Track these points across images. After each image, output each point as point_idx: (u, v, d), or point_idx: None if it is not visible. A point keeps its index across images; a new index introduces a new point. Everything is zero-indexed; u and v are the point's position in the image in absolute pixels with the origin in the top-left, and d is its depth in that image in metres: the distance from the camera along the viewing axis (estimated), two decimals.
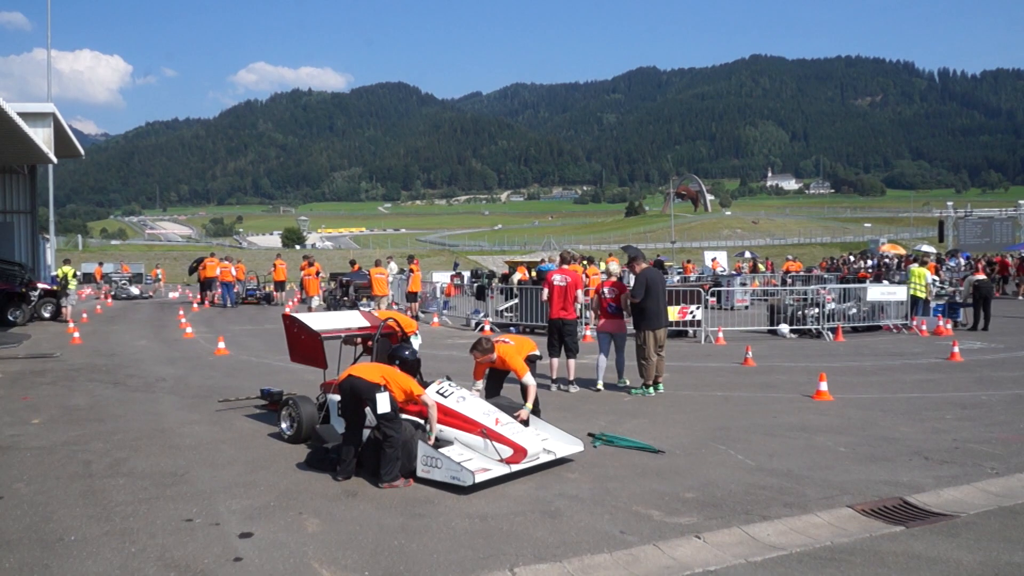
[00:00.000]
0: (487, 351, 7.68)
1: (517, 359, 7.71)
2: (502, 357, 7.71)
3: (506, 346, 7.83)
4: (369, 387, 6.21)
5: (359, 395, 6.25)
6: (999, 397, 9.93)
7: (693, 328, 16.59)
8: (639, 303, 10.17)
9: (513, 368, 7.67)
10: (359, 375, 6.37)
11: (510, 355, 7.74)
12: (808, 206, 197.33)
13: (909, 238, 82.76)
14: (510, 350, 7.80)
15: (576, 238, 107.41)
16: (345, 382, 6.40)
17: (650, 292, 10.11)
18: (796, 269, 32.95)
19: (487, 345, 7.70)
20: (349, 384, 6.35)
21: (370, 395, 6.15)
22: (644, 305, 10.15)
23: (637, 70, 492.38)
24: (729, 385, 10.94)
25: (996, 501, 5.78)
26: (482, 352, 7.70)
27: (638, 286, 10.20)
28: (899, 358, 13.79)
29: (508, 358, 7.71)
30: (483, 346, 7.70)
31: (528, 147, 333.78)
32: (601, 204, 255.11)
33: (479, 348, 7.71)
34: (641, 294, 10.12)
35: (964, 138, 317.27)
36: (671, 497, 5.81)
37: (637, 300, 10.18)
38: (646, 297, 10.11)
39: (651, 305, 10.14)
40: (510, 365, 7.70)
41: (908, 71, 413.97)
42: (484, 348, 7.69)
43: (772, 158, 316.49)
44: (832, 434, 7.81)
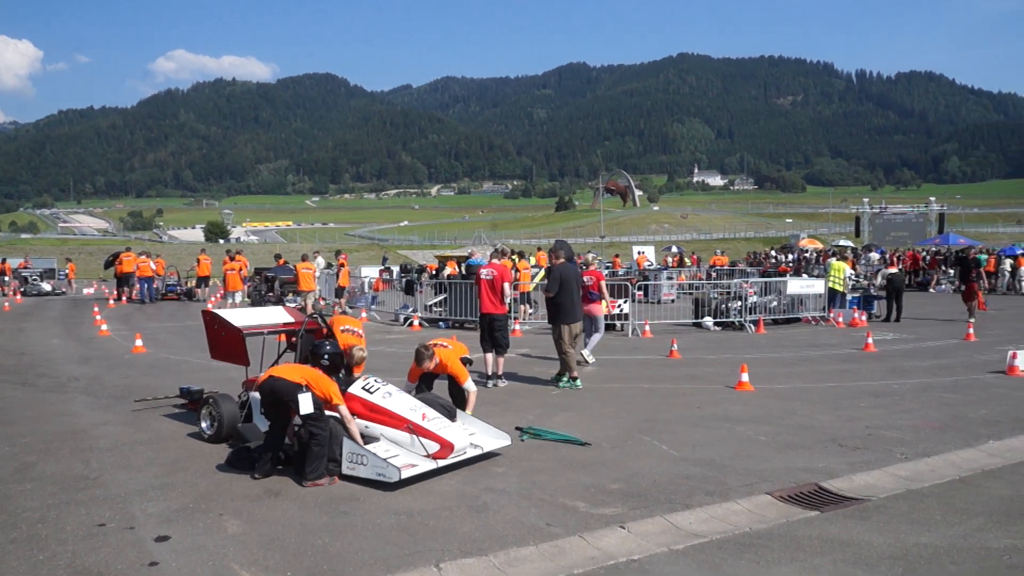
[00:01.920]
0: (430, 357, 7.60)
1: (458, 364, 7.68)
2: (443, 363, 7.65)
3: (446, 351, 7.77)
4: (290, 388, 6.08)
5: (280, 396, 6.12)
6: (909, 386, 10.37)
7: (620, 322, 16.81)
8: (553, 297, 10.27)
9: (455, 373, 7.63)
10: (280, 376, 6.24)
11: (451, 360, 7.68)
12: (733, 202, 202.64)
13: (828, 233, 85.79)
14: (450, 355, 7.74)
15: (507, 232, 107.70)
16: (265, 383, 6.26)
17: (564, 287, 10.22)
18: (721, 263, 33.73)
19: (428, 352, 7.62)
20: (269, 386, 6.21)
21: (291, 396, 6.03)
22: (558, 299, 10.27)
23: (567, 66, 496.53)
24: (655, 377, 11.12)
25: (905, 484, 6.03)
26: (427, 360, 7.60)
27: (552, 280, 10.34)
28: (817, 349, 14.26)
29: (450, 363, 7.65)
30: (425, 354, 7.60)
31: (459, 141, 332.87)
32: (531, 199, 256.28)
33: (420, 359, 7.61)
34: (555, 288, 10.24)
35: (880, 137, 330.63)
36: (597, 489, 5.87)
37: (551, 294, 10.30)
38: (560, 292, 10.22)
39: (565, 300, 10.26)
40: (452, 370, 7.65)
41: (828, 72, 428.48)
42: (427, 356, 7.60)
43: (698, 155, 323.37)
44: (753, 423, 8.03)
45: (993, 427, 7.83)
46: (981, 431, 7.66)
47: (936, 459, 6.70)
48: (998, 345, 13.73)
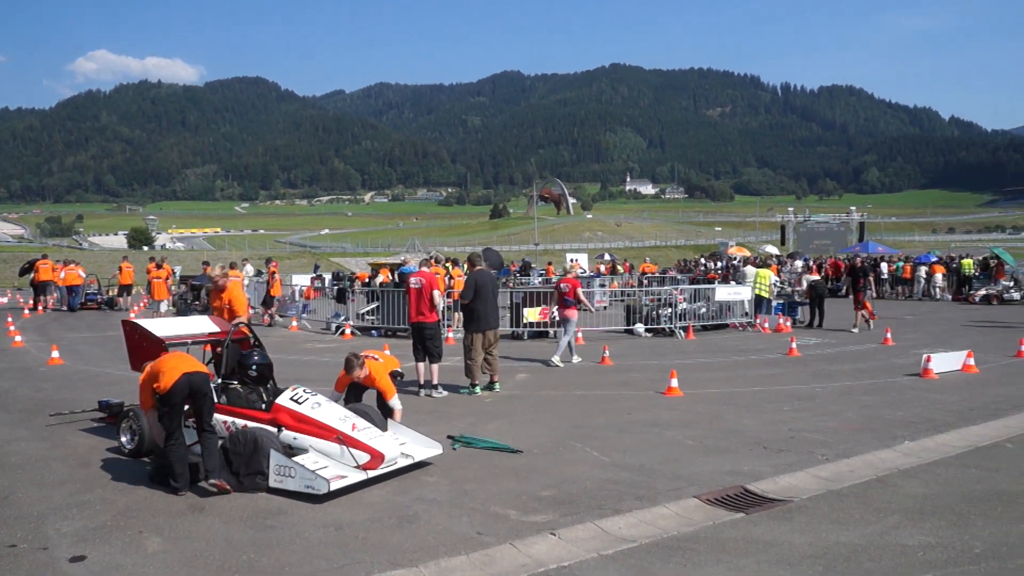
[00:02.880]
0: (360, 366, 7.47)
1: (387, 379, 7.55)
2: (372, 376, 7.52)
3: (376, 363, 7.64)
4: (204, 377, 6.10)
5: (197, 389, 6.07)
6: (831, 389, 10.72)
7: (553, 329, 16.92)
8: (468, 304, 10.30)
9: (382, 388, 7.49)
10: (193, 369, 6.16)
11: (380, 374, 7.55)
12: (664, 210, 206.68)
13: (755, 241, 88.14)
14: (380, 368, 7.60)
15: (441, 240, 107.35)
16: (182, 379, 6.05)
17: (479, 294, 10.25)
18: (651, 271, 34.32)
19: (359, 361, 7.49)
20: (187, 380, 6.04)
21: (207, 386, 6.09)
22: (473, 307, 10.30)
23: (502, 74, 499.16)
24: (587, 384, 11.22)
25: (826, 485, 6.22)
26: (357, 369, 7.47)
27: (467, 288, 10.39)
28: (744, 354, 14.62)
29: (379, 377, 7.52)
30: (355, 363, 7.47)
31: (393, 148, 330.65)
32: (466, 206, 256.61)
33: (350, 367, 7.47)
34: (469, 296, 10.27)
35: (803, 148, 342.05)
36: (528, 496, 5.88)
37: (466, 301, 10.34)
38: (475, 299, 10.25)
39: (479, 307, 10.28)
40: (379, 385, 7.51)
41: (754, 84, 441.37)
42: (357, 364, 7.46)
43: (631, 164, 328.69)
44: (681, 428, 8.17)
45: (908, 428, 8.14)
46: (897, 432, 7.96)
47: (855, 460, 6.93)
48: (913, 349, 14.32)
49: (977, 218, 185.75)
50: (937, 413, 8.93)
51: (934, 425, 8.28)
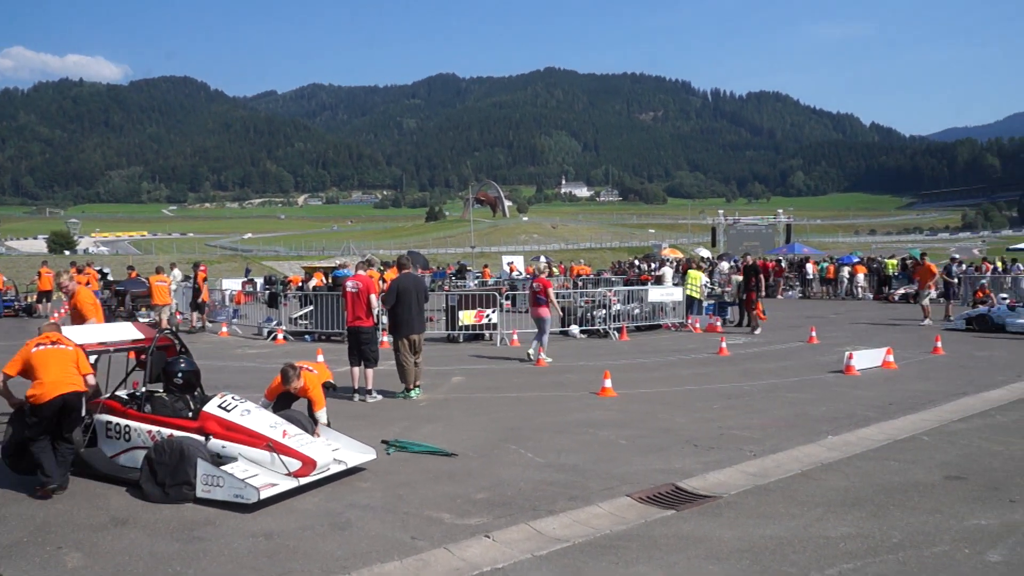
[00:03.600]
0: (296, 377, 7.34)
1: (319, 390, 7.45)
2: (306, 387, 7.40)
3: (311, 375, 7.52)
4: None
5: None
6: (759, 387, 11.00)
7: (489, 331, 16.94)
8: (391, 309, 10.29)
9: (313, 399, 7.37)
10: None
11: (314, 384, 7.44)
12: (599, 213, 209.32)
13: (687, 243, 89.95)
14: (314, 379, 7.50)
15: (376, 243, 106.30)
16: (58, 399, 5.98)
17: (401, 299, 10.20)
18: (586, 273, 34.65)
19: (295, 372, 7.36)
20: (62, 400, 5.99)
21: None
22: (396, 311, 10.25)
23: (437, 76, 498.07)
24: (523, 386, 11.27)
25: (753, 481, 6.38)
26: (295, 380, 7.33)
27: (390, 293, 10.32)
28: (676, 354, 14.89)
29: (312, 389, 7.41)
30: (292, 375, 7.34)
31: (326, 150, 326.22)
32: (401, 209, 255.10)
33: (287, 378, 7.32)
34: (391, 301, 10.22)
35: (733, 152, 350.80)
36: (463, 499, 5.87)
37: (387, 306, 10.31)
38: (397, 304, 10.20)
39: (402, 312, 10.23)
40: (311, 395, 7.40)
41: (685, 90, 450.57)
42: (292, 377, 7.33)
43: (566, 166, 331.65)
44: (615, 428, 8.27)
45: (831, 423, 8.42)
46: (821, 427, 8.22)
47: (781, 455, 7.13)
48: (837, 347, 14.80)
49: (896, 220, 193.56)
50: (859, 408, 9.26)
51: (856, 420, 8.57)
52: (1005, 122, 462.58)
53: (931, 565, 4.58)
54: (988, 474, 6.48)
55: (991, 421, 8.61)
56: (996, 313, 18.33)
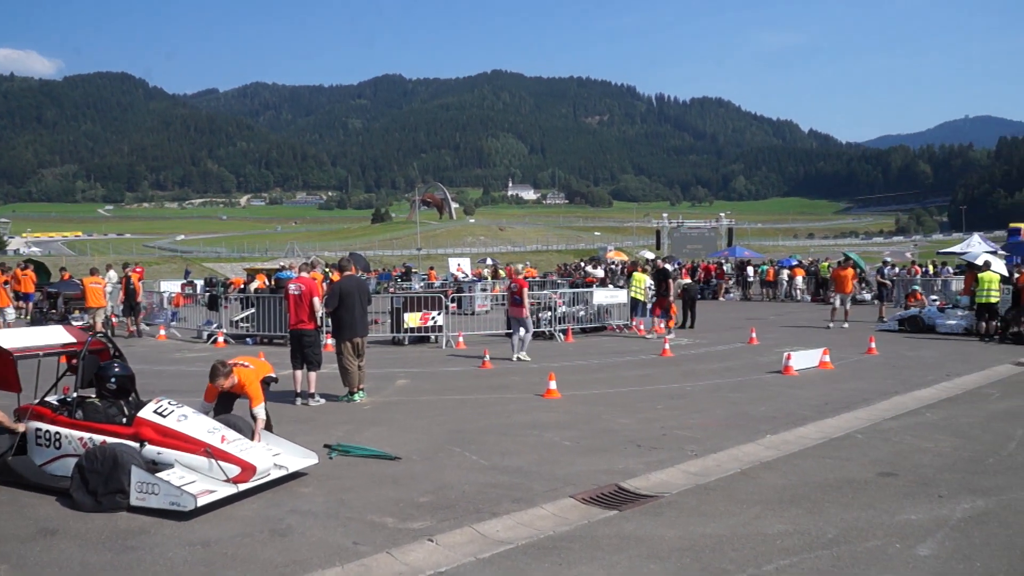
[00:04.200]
0: (226, 375, 7.11)
1: (256, 386, 7.24)
2: (242, 383, 7.18)
3: (246, 370, 7.31)
4: None
5: None
6: (700, 387, 11.18)
7: (435, 334, 16.87)
8: (333, 312, 10.20)
9: (250, 395, 7.17)
10: None
11: (250, 380, 7.23)
12: (546, 215, 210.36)
13: (632, 246, 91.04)
14: (250, 375, 7.28)
15: (321, 244, 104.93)
16: None
17: (344, 302, 10.12)
18: (532, 275, 34.75)
19: (225, 370, 7.13)
20: None
21: None
22: (339, 315, 10.18)
23: (383, 77, 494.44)
24: (467, 388, 11.25)
25: (694, 480, 6.48)
26: (221, 378, 7.09)
27: (331, 296, 10.24)
28: (620, 356, 15.04)
29: (248, 384, 7.20)
30: (221, 371, 7.10)
31: (270, 149, 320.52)
32: (347, 210, 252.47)
33: (217, 374, 7.09)
34: (333, 304, 10.14)
35: (677, 157, 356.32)
36: (406, 503, 5.83)
37: (330, 309, 10.22)
38: (340, 307, 10.12)
39: (345, 315, 10.15)
40: (248, 391, 7.20)
41: (631, 94, 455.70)
42: (222, 373, 7.09)
43: (512, 169, 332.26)
44: (559, 429, 8.31)
45: (770, 422, 8.60)
46: (760, 427, 8.39)
47: (722, 454, 7.25)
48: (776, 347, 15.11)
49: (833, 224, 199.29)
50: (796, 408, 9.48)
51: (793, 419, 8.77)
52: (936, 130, 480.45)
53: (864, 560, 4.71)
54: (918, 470, 6.69)
55: (921, 419, 8.90)
56: (927, 314, 18.98)
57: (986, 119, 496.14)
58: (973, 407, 9.62)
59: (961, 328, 17.83)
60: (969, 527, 5.25)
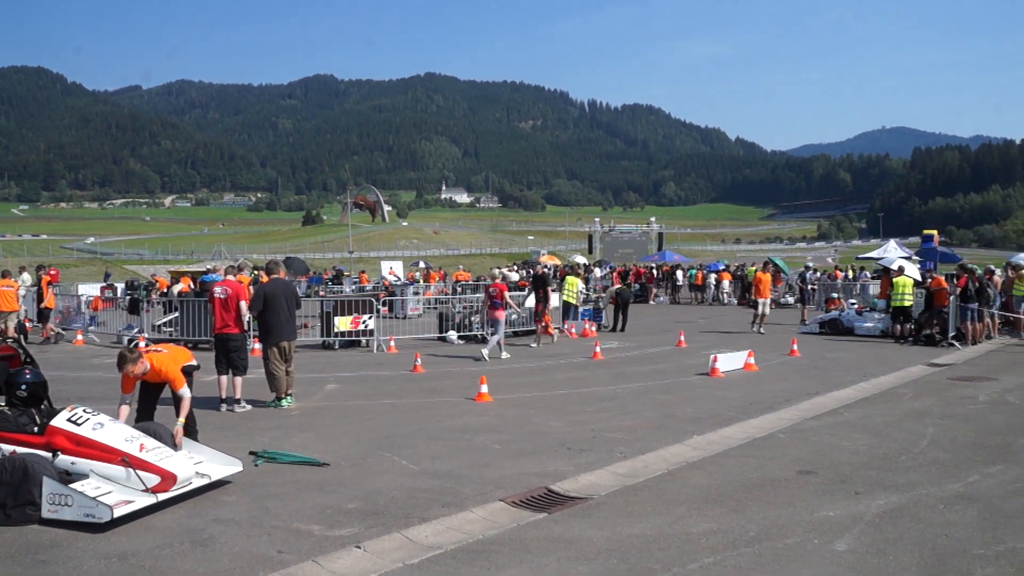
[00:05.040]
0: (134, 361, 6.77)
1: (174, 368, 7.00)
2: (156, 368, 6.91)
3: (160, 355, 7.05)
4: None
5: None
6: (630, 389, 11.34)
7: (366, 338, 16.68)
8: (259, 316, 10.04)
9: (169, 379, 6.95)
10: None
11: (165, 364, 6.96)
12: (479, 219, 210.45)
13: (565, 250, 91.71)
14: (165, 359, 7.03)
15: (250, 247, 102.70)
16: None
17: (269, 305, 9.96)
18: (465, 278, 34.72)
19: (133, 355, 6.79)
20: None
21: None
22: (264, 318, 10.01)
23: (314, 77, 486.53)
24: (398, 392, 11.16)
25: (623, 481, 6.56)
26: (130, 364, 6.75)
27: (256, 299, 10.06)
28: (552, 359, 15.13)
29: (164, 368, 6.93)
30: (128, 357, 6.76)
31: (196, 149, 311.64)
32: (277, 212, 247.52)
33: (124, 360, 6.76)
34: (258, 307, 9.97)
35: (609, 162, 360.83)
36: (334, 510, 5.74)
37: (255, 313, 10.06)
38: (265, 310, 9.95)
39: (271, 319, 9.99)
40: (166, 375, 6.95)
41: (564, 100, 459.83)
42: (130, 359, 6.75)
43: (446, 172, 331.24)
44: (490, 433, 8.31)
45: (697, 424, 8.78)
46: (687, 428, 8.56)
47: (650, 456, 7.37)
48: (704, 350, 15.44)
49: (759, 230, 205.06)
50: (722, 409, 9.70)
51: (719, 420, 8.98)
52: (855, 140, 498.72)
53: (784, 556, 4.84)
54: (836, 468, 6.92)
55: (840, 419, 9.22)
56: (846, 317, 19.68)
57: (902, 130, 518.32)
58: (888, 406, 10.01)
59: (878, 330, 18.54)
60: (883, 522, 5.46)
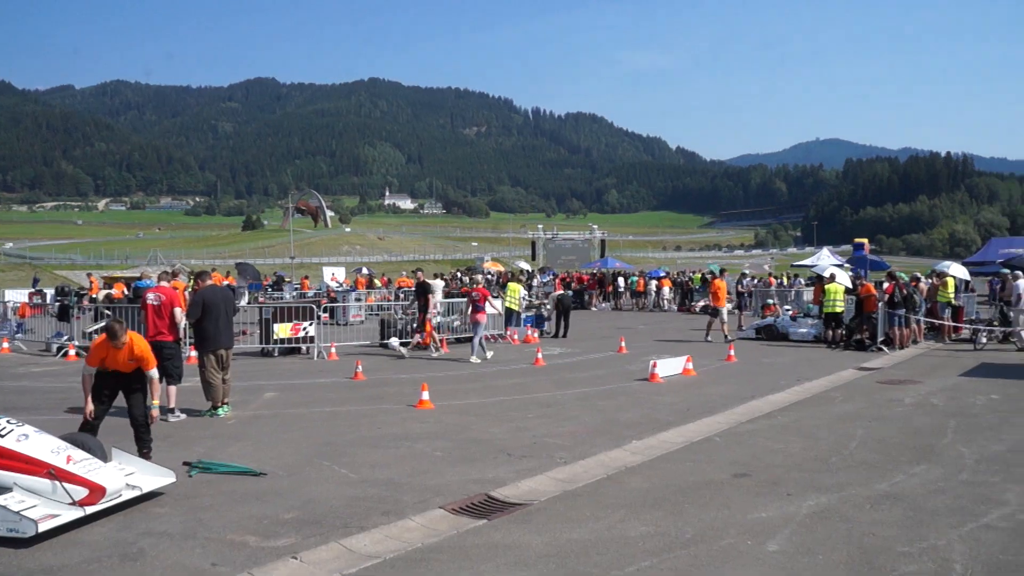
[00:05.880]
0: (119, 335, 7.02)
1: (148, 349, 7.33)
2: (133, 345, 7.16)
3: (139, 336, 7.42)
4: None
5: None
6: (571, 395, 11.42)
7: (306, 345, 16.45)
8: (195, 324, 9.90)
9: (145, 357, 7.23)
10: None
11: (144, 346, 7.31)
12: (423, 225, 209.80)
13: (509, 256, 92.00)
14: (142, 341, 7.40)
15: (187, 252, 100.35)
16: None
17: (207, 312, 9.81)
18: (408, 285, 34.49)
19: (122, 328, 7.07)
20: None
21: None
22: (201, 325, 9.85)
23: (255, 80, 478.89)
24: (339, 400, 11.03)
25: (563, 487, 6.60)
26: (122, 335, 7.04)
27: (194, 306, 9.91)
28: (494, 365, 15.15)
29: (143, 349, 7.27)
30: (118, 330, 7.03)
31: (132, 151, 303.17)
32: (216, 217, 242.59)
33: (114, 333, 7.01)
34: (196, 314, 9.81)
35: (552, 170, 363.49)
36: (270, 520, 5.64)
37: (192, 320, 9.92)
38: (203, 317, 9.79)
39: (208, 326, 9.83)
40: (141, 353, 7.20)
41: (508, 107, 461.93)
42: (119, 332, 7.03)
43: (389, 178, 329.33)
44: (430, 440, 8.28)
45: (636, 428, 8.89)
46: (627, 432, 8.66)
47: (589, 461, 7.44)
48: (644, 356, 15.64)
49: (698, 237, 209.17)
50: (661, 413, 9.85)
51: (658, 425, 9.11)
52: (791, 151, 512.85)
53: (719, 557, 4.94)
54: (770, 470, 7.09)
55: (774, 422, 9.45)
56: (780, 323, 20.19)
57: (835, 142, 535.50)
58: (820, 410, 10.30)
59: (811, 336, 19.07)
60: (813, 522, 5.61)
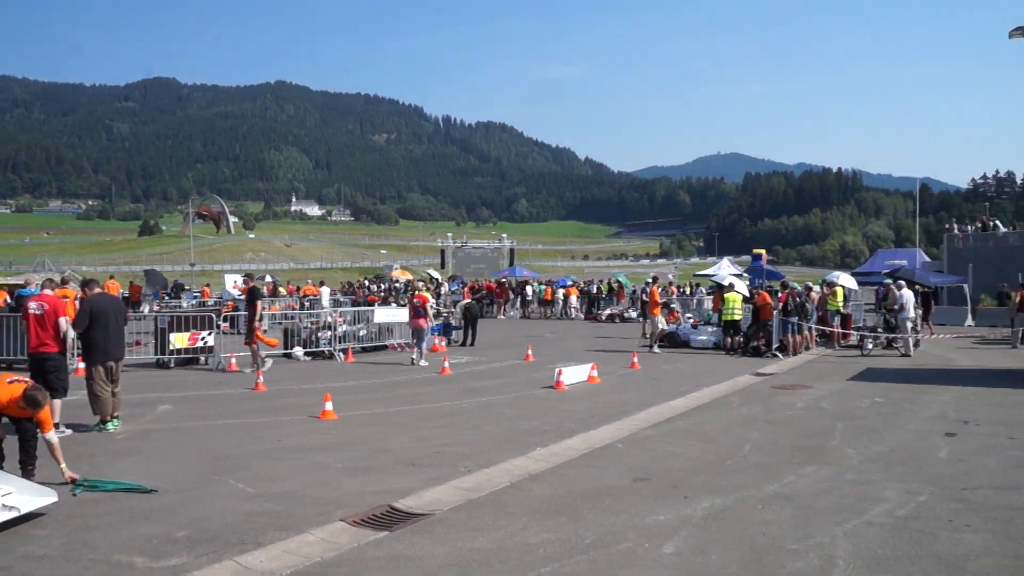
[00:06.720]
0: (41, 404, 6.51)
1: (49, 415, 6.77)
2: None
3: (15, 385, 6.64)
4: None
5: None
6: (477, 404, 11.44)
7: (205, 355, 15.90)
8: (83, 334, 9.50)
9: (41, 419, 6.66)
10: None
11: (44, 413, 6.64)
12: (331, 232, 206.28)
13: (418, 264, 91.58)
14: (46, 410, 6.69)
15: (78, 258, 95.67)
16: None
17: (96, 322, 9.42)
18: (313, 293, 33.87)
19: (41, 397, 6.52)
20: None
21: None
22: (91, 335, 9.46)
23: (155, 80, 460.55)
24: (238, 412, 10.71)
25: (466, 495, 6.60)
26: (35, 406, 6.49)
27: (81, 315, 9.47)
28: (401, 374, 15.03)
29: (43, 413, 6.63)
30: (37, 399, 6.48)
31: (18, 151, 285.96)
32: (110, 221, 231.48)
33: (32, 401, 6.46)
34: (83, 323, 9.40)
35: (463, 178, 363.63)
36: (161, 539, 5.42)
37: (80, 330, 9.50)
38: (91, 327, 9.41)
39: (97, 336, 9.45)
40: (42, 417, 6.63)
41: (418, 114, 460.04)
42: (37, 402, 6.48)
43: (296, 184, 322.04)
44: (332, 451, 8.14)
45: (541, 436, 8.98)
46: (531, 440, 8.73)
47: (494, 469, 7.46)
48: (550, 363, 15.82)
49: (606, 247, 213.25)
50: (565, 421, 9.98)
51: (562, 432, 9.22)
52: (694, 164, 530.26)
53: (617, 561, 5.04)
54: (669, 474, 7.28)
55: (674, 427, 9.72)
56: (682, 331, 20.79)
57: (735, 156, 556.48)
58: (718, 414, 10.65)
59: (711, 343, 19.71)
60: (709, 524, 5.79)
